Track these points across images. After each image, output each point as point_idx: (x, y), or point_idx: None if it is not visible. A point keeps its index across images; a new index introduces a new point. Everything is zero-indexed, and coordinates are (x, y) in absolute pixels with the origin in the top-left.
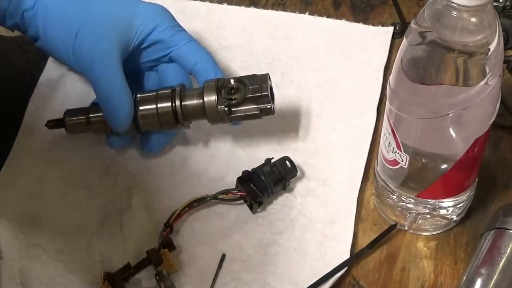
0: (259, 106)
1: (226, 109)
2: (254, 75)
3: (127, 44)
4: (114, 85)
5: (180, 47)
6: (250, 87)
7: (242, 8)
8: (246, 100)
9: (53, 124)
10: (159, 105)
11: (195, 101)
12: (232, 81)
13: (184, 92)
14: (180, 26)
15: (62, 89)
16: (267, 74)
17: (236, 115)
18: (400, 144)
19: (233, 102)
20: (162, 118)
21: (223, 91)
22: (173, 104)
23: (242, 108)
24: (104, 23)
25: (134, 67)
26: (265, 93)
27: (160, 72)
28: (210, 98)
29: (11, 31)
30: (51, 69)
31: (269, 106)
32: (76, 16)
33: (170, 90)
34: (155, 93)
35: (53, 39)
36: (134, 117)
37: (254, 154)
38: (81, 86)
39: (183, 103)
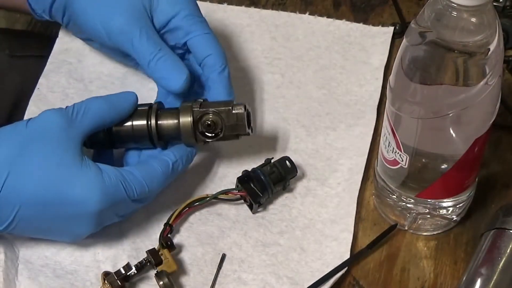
0: (236, 133)
1: (203, 141)
2: (230, 109)
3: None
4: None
5: (196, 37)
6: (227, 124)
7: (242, 8)
8: (224, 132)
9: None
10: (134, 122)
11: (170, 121)
12: (209, 115)
13: (160, 112)
14: (202, 17)
15: (62, 89)
16: (244, 108)
17: (213, 139)
18: (400, 144)
19: (211, 139)
20: (136, 134)
21: (199, 124)
22: (149, 122)
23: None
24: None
25: None
26: (242, 132)
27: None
28: (186, 118)
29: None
30: (51, 70)
31: (246, 134)
32: None
33: (147, 108)
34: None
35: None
36: (109, 132)
37: (254, 154)
38: (81, 86)
39: (158, 122)
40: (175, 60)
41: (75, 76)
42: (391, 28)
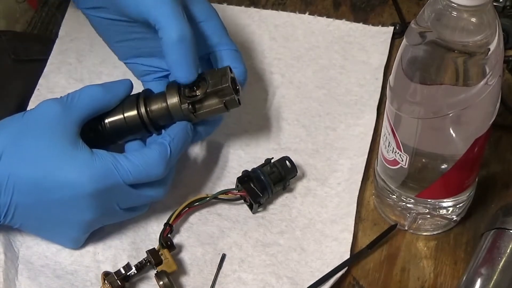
0: (222, 99)
1: (189, 107)
2: (215, 69)
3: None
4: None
5: (225, 51)
6: (210, 81)
7: (242, 8)
8: (208, 95)
9: None
10: (125, 114)
11: (159, 105)
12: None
13: (148, 98)
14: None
15: (62, 89)
16: (228, 66)
17: (201, 111)
18: (400, 144)
19: (195, 98)
20: (130, 125)
21: (186, 90)
22: (139, 111)
23: (206, 103)
24: None
25: None
26: (225, 85)
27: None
28: (173, 99)
29: None
30: (51, 71)
31: (232, 98)
32: None
33: (135, 98)
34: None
35: None
36: (103, 128)
37: (254, 154)
38: (81, 87)
39: (148, 109)
40: (194, 55)
41: (75, 77)
42: (391, 28)
